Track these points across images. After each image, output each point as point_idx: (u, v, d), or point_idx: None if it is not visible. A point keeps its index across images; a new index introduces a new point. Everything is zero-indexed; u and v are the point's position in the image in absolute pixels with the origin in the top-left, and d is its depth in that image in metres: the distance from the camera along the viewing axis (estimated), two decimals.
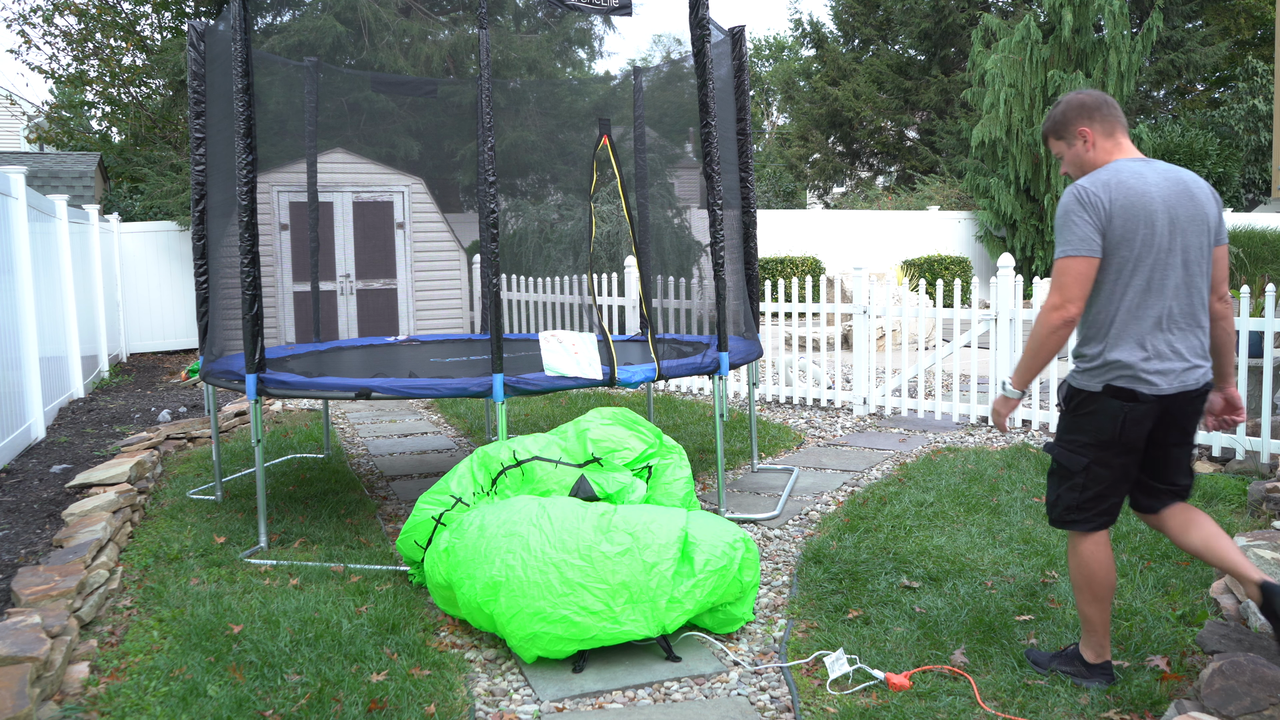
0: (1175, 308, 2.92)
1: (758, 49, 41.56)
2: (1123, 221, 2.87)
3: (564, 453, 4.30)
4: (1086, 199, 2.89)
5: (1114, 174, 2.91)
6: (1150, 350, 2.91)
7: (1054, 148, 3.17)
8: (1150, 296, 2.90)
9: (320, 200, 10.24)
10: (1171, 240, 2.89)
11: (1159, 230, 2.88)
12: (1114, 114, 3.03)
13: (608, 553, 3.41)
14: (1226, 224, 21.85)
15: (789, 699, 3.16)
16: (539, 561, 3.39)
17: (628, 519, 3.56)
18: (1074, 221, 2.90)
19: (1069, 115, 3.08)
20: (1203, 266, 2.96)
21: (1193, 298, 2.95)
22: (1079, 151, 3.08)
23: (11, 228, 6.64)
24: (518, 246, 12.84)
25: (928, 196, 21.49)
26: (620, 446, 4.42)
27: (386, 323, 11.94)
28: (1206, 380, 3.00)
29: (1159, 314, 2.91)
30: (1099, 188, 2.89)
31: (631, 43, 65.80)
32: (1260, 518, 4.65)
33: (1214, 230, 2.99)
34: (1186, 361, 2.94)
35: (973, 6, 25.67)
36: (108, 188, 16.37)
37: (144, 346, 12.47)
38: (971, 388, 7.31)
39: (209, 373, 5.23)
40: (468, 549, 3.56)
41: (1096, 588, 3.04)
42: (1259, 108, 25.81)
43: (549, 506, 3.60)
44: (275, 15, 13.65)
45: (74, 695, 3.11)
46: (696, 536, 3.59)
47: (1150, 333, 2.91)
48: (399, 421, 8.11)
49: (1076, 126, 3.06)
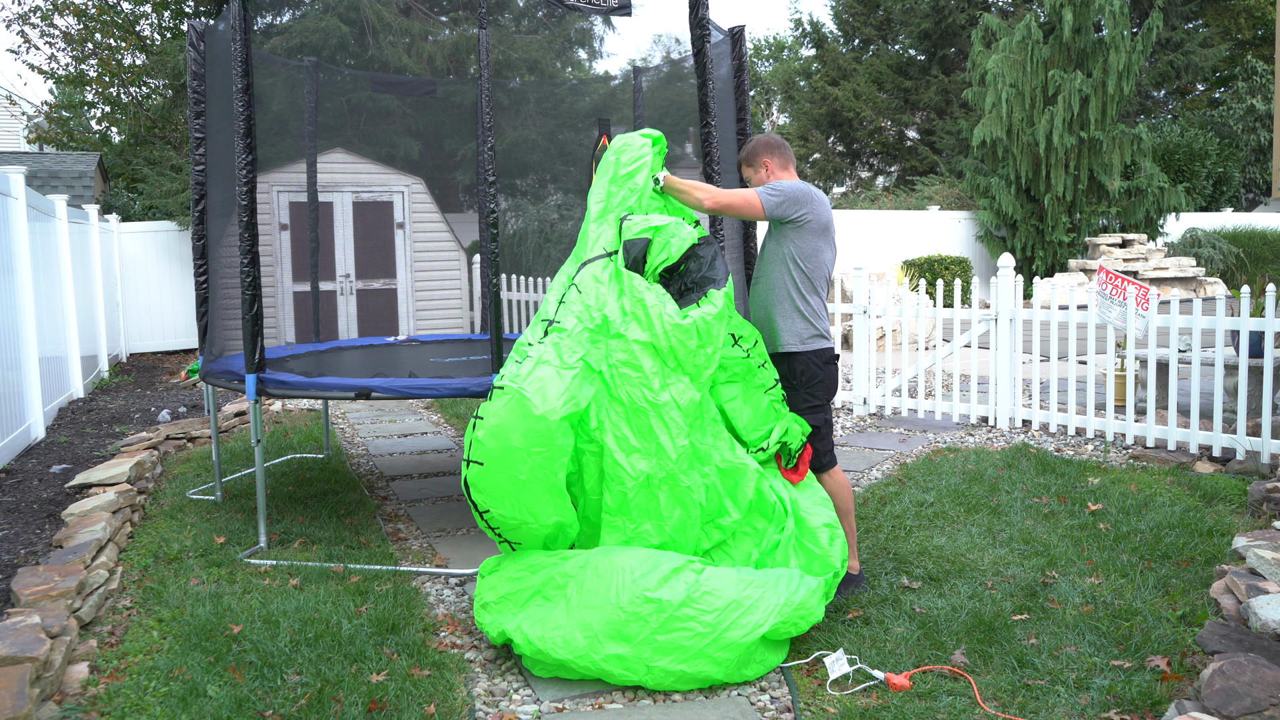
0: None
1: (758, 49, 41.55)
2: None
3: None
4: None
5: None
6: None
7: (744, 173, 4.17)
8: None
9: (320, 200, 10.23)
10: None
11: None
12: (789, 152, 4.14)
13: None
14: (1227, 224, 21.86)
15: (789, 699, 3.16)
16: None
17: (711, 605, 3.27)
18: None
19: (757, 149, 4.10)
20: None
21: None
22: (763, 177, 4.10)
23: (11, 228, 6.64)
24: (518, 246, 12.84)
25: (928, 196, 21.49)
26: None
27: (386, 323, 11.93)
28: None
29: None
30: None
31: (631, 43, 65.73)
32: (1260, 518, 4.65)
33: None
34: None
35: (973, 6, 25.66)
36: (107, 188, 16.37)
37: (144, 346, 12.46)
38: (972, 388, 7.31)
39: (209, 373, 5.23)
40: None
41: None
42: (1258, 108, 25.81)
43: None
44: (275, 15, 13.65)
45: (74, 695, 3.11)
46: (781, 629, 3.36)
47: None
48: (399, 421, 8.11)
49: (761, 158, 4.09)
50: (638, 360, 3.56)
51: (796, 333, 3.97)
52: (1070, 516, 4.84)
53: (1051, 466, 5.76)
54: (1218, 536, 4.41)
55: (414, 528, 5.10)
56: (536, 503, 3.43)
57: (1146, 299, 5.91)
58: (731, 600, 3.26)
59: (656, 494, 3.52)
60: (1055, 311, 6.84)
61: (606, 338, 3.63)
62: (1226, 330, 5.92)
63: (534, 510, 3.43)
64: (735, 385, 3.90)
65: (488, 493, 3.42)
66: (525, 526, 3.47)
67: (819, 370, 3.99)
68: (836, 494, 4.01)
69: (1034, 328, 6.94)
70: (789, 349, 3.98)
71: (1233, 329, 6.09)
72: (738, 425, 3.90)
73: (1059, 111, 17.38)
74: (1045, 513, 4.92)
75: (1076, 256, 18.59)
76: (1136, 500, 5.01)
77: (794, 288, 3.96)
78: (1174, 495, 5.12)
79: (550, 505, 3.46)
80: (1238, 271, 19.52)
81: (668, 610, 3.19)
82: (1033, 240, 18.60)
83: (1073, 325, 6.65)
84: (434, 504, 5.55)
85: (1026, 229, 18.56)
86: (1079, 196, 18.27)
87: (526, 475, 3.38)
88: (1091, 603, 3.73)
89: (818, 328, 3.99)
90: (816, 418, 4.01)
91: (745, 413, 3.90)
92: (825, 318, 4.05)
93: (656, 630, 3.17)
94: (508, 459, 3.37)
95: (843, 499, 4.02)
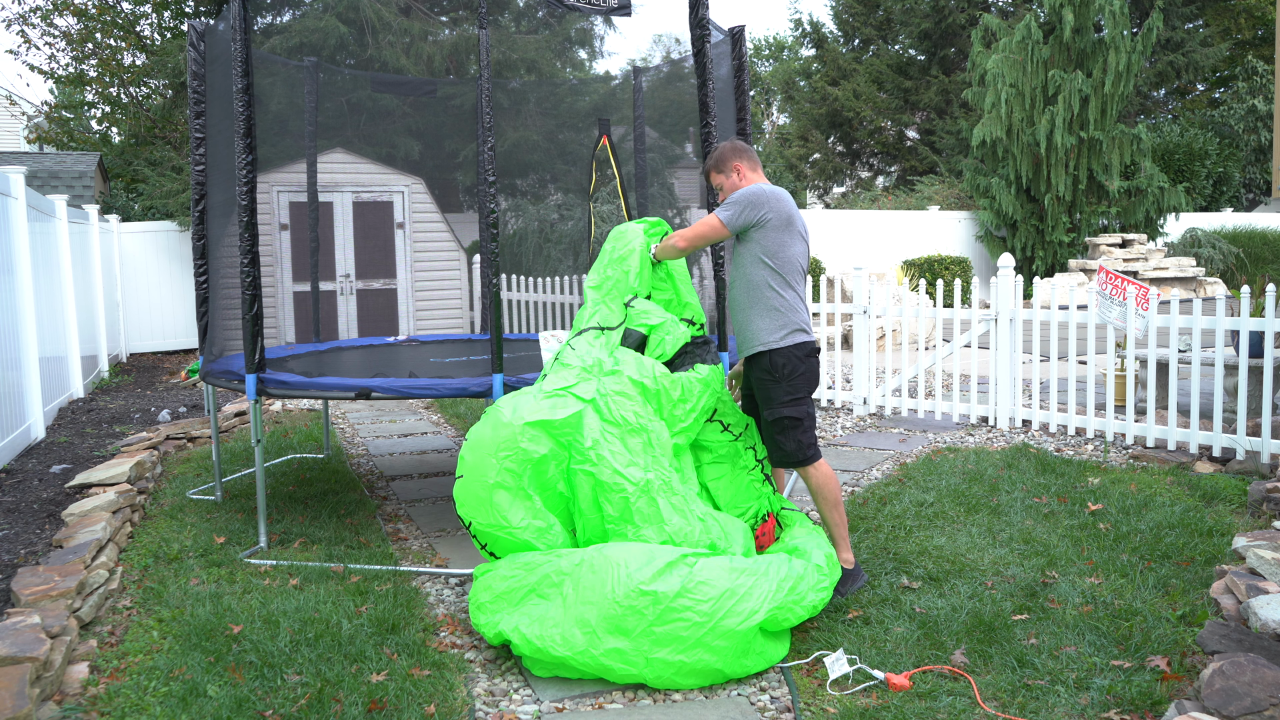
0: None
1: (758, 49, 41.56)
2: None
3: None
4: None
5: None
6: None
7: (714, 180, 4.19)
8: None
9: (320, 200, 10.23)
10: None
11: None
12: (755, 155, 4.18)
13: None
14: (1227, 224, 21.86)
15: (789, 699, 3.16)
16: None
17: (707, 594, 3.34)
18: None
19: (726, 155, 4.14)
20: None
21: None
22: (735, 181, 4.13)
23: (11, 228, 6.64)
24: (518, 246, 12.84)
25: (928, 197, 21.49)
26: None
27: (386, 323, 11.93)
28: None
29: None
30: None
31: (631, 43, 65.79)
32: (1260, 518, 4.65)
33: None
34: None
35: (973, 6, 25.67)
36: (107, 188, 16.37)
37: (144, 346, 12.47)
38: (972, 388, 7.31)
39: (209, 373, 5.23)
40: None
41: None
42: (1259, 108, 25.80)
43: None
44: (275, 15, 13.65)
45: (74, 695, 3.11)
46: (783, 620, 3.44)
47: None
48: (399, 421, 8.11)
49: (732, 163, 4.12)
50: (630, 391, 3.85)
51: (774, 329, 4.00)
52: (1070, 516, 4.85)
53: (1051, 466, 5.76)
54: (1218, 536, 4.41)
55: (414, 528, 5.10)
56: (504, 507, 3.57)
57: (1146, 299, 5.91)
58: (726, 589, 3.31)
59: (656, 500, 3.65)
60: (1055, 311, 6.84)
61: (600, 375, 3.91)
62: (1226, 330, 5.92)
63: (504, 514, 3.57)
64: (722, 466, 4.21)
65: (466, 504, 3.61)
66: (498, 536, 3.61)
67: (799, 364, 4.01)
68: (823, 486, 4.04)
69: (1034, 328, 6.94)
70: (768, 346, 4.00)
71: (1233, 329, 6.09)
72: (720, 502, 4.17)
73: (1059, 111, 17.38)
74: (1045, 513, 4.92)
75: (1076, 256, 18.60)
76: (1136, 500, 5.01)
77: (766, 285, 4.00)
78: (1174, 495, 5.12)
79: (519, 508, 3.60)
80: (1238, 271, 19.52)
81: (664, 602, 3.23)
82: (1033, 240, 18.60)
83: (1073, 325, 6.65)
84: (434, 504, 5.55)
85: (1026, 229, 18.56)
86: (1079, 196, 18.27)
87: (495, 479, 3.57)
88: (1091, 603, 3.73)
89: (796, 322, 4.02)
90: (798, 410, 4.01)
91: (728, 491, 4.19)
92: (803, 311, 4.06)
93: (654, 622, 3.21)
94: (479, 467, 3.60)
95: (829, 490, 4.04)
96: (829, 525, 4.06)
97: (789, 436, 4.01)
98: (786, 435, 4.02)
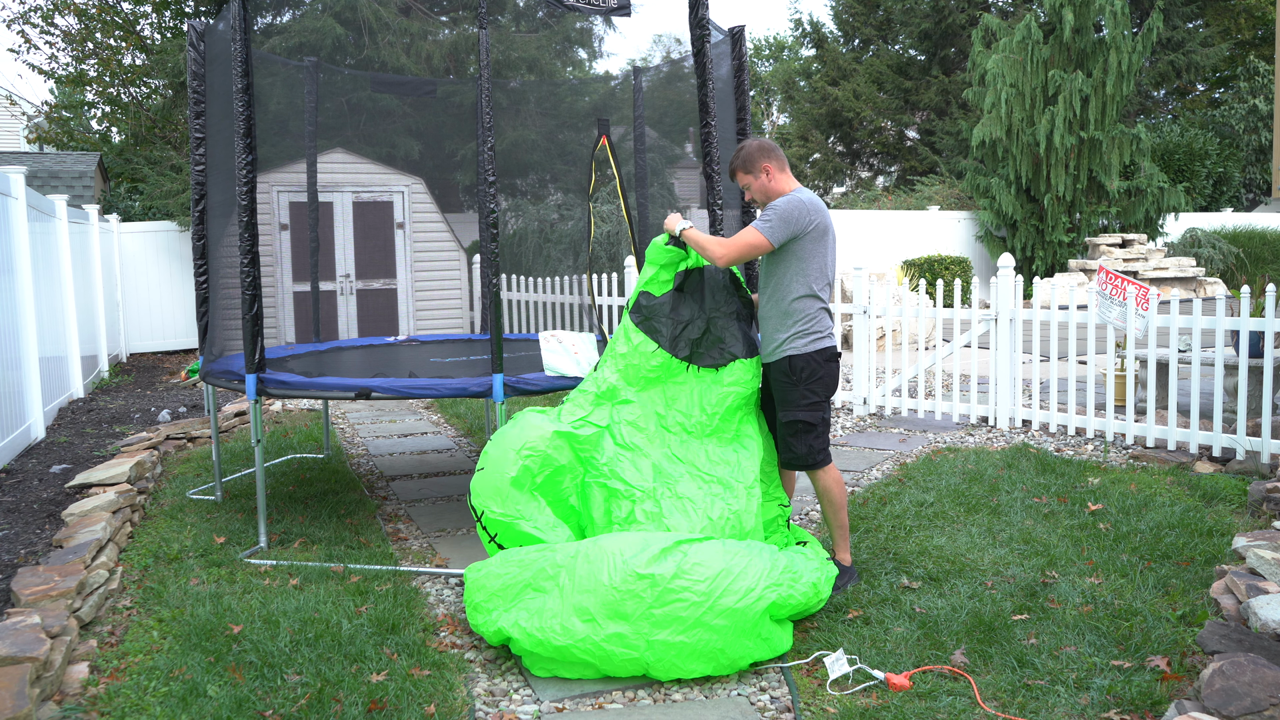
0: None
1: (758, 49, 41.56)
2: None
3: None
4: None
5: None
6: None
7: (740, 179, 4.12)
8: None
9: (320, 200, 10.23)
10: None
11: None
12: (783, 154, 4.10)
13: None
14: (1227, 224, 21.84)
15: (789, 699, 3.16)
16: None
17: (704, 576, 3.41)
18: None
19: (755, 156, 4.05)
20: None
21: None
22: (764, 182, 4.07)
23: (11, 228, 6.64)
24: (518, 246, 12.84)
25: (928, 197, 21.49)
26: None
27: (386, 323, 11.93)
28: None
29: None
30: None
31: (631, 43, 65.78)
32: (1260, 518, 4.65)
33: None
34: None
35: (973, 6, 25.66)
36: (108, 188, 16.37)
37: (144, 346, 12.46)
38: (972, 388, 7.31)
39: (209, 373, 5.23)
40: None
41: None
42: (1259, 108, 25.80)
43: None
44: (275, 15, 13.65)
45: (74, 695, 3.11)
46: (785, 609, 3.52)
47: None
48: (399, 421, 8.11)
49: (760, 163, 4.05)
50: (640, 421, 4.14)
51: (798, 336, 4.01)
52: (1070, 516, 4.85)
53: (1051, 466, 5.76)
54: (1218, 536, 4.41)
55: (414, 528, 5.10)
56: (520, 499, 3.81)
57: (1146, 299, 5.91)
58: (721, 569, 3.36)
59: (660, 504, 3.86)
60: (1055, 311, 6.84)
61: (614, 404, 4.17)
62: (1226, 330, 5.92)
63: (519, 505, 3.80)
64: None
65: (482, 494, 3.85)
66: (511, 526, 3.79)
67: (820, 367, 4.02)
68: (830, 490, 4.07)
69: (1034, 328, 6.94)
70: (792, 352, 4.01)
71: (1233, 329, 6.09)
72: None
73: (1059, 111, 17.38)
74: (1045, 513, 4.92)
75: (1076, 256, 18.59)
76: (1136, 500, 5.01)
77: (794, 294, 4.01)
78: (1174, 495, 5.12)
79: (535, 503, 3.85)
80: (1238, 271, 19.52)
81: (661, 584, 3.28)
82: (1033, 240, 18.60)
83: (1073, 325, 6.65)
84: (434, 504, 5.56)
85: (1026, 229, 18.56)
86: (1079, 196, 18.27)
87: (515, 472, 3.83)
88: (1091, 603, 3.73)
89: (820, 329, 4.04)
90: (813, 415, 4.03)
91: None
92: (828, 318, 4.08)
93: (653, 604, 3.25)
94: (500, 459, 3.87)
95: (835, 494, 4.07)
96: (832, 527, 4.09)
97: (801, 440, 4.04)
98: (799, 439, 4.04)
